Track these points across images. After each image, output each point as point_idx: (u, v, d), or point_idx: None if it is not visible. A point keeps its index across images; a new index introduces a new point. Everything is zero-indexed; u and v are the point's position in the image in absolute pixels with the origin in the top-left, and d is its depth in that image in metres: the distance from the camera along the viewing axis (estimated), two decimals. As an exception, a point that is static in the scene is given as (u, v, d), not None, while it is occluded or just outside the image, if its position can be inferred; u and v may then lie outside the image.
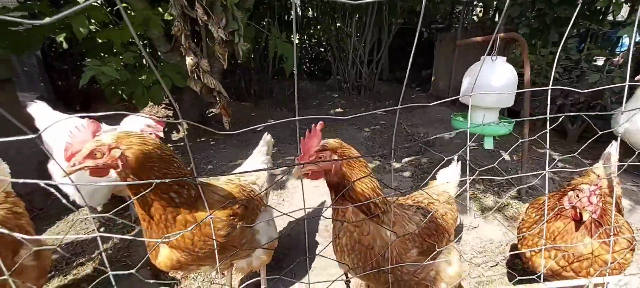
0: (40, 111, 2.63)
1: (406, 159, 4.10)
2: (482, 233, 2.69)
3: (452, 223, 1.72)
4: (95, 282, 1.97)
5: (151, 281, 2.06)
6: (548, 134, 0.94)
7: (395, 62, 10.33)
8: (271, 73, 7.12)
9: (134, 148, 1.14)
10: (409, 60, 0.77)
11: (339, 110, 6.67)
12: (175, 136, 4.83)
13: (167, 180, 1.15)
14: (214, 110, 6.13)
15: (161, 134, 2.36)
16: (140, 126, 2.29)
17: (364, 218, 1.24)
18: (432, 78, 7.74)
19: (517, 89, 2.73)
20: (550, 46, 4.61)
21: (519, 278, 1.12)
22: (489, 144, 2.78)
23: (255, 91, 7.08)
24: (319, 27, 9.14)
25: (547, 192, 1.14)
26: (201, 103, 4.94)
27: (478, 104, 2.65)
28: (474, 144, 4.25)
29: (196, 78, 3.52)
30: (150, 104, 4.86)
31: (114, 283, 0.83)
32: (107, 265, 0.79)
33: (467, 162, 1.25)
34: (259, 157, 2.14)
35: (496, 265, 2.33)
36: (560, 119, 4.50)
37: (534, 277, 1.20)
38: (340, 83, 8.06)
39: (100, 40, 3.70)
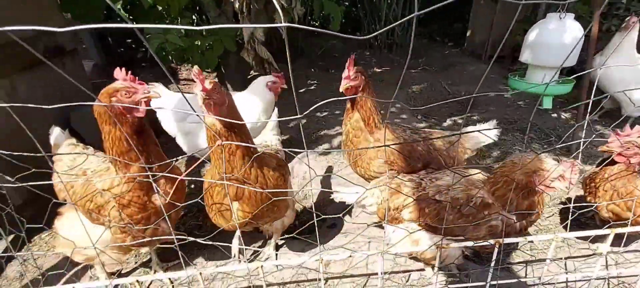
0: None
1: (449, 120, 4.19)
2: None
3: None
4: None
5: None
6: None
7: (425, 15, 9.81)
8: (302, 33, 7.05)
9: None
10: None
11: (376, 69, 6.64)
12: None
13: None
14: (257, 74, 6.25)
15: (284, 86, 2.78)
16: (265, 83, 2.72)
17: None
18: (468, 32, 7.46)
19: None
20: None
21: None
22: (547, 104, 2.85)
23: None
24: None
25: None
26: (246, 67, 5.06)
27: (542, 64, 2.68)
28: (521, 103, 4.29)
29: (250, 48, 3.62)
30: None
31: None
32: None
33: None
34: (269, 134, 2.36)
35: (552, 215, 2.55)
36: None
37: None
38: (370, 40, 7.90)
39: (160, 7, 3.82)
